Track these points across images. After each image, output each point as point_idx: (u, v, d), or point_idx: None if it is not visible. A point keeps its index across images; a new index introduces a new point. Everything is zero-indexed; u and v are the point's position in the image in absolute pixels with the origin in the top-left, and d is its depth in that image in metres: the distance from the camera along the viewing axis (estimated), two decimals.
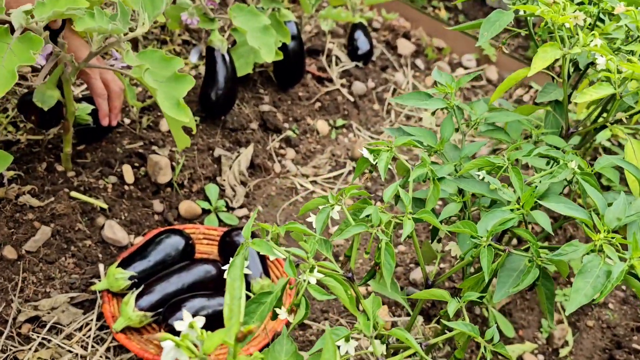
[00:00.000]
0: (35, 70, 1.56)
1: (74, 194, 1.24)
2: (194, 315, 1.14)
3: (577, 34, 0.75)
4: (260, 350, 1.07)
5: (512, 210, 0.65)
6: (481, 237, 0.63)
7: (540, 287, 0.70)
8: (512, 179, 0.68)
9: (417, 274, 1.30)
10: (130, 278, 1.11)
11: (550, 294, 0.71)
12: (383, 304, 1.23)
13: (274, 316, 0.57)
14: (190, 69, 1.65)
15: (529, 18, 0.89)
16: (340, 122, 1.71)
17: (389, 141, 0.73)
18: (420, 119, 1.78)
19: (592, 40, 0.73)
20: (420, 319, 1.15)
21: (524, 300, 1.39)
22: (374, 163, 0.73)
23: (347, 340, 0.57)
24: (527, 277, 0.61)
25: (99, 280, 1.16)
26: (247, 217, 1.41)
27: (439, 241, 0.80)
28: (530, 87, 1.98)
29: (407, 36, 2.06)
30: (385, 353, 0.58)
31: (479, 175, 0.71)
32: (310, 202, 0.67)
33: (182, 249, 1.20)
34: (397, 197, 0.75)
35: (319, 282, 0.56)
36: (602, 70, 0.73)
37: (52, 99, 1.09)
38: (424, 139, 0.77)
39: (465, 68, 2.05)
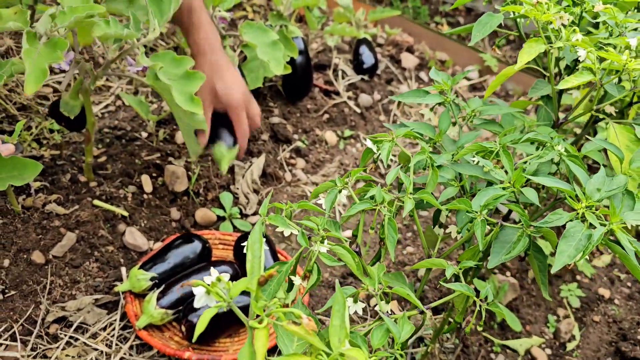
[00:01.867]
0: (56, 91, 1.65)
1: (96, 202, 1.31)
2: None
3: (561, 31, 0.82)
4: (273, 347, 1.12)
5: (503, 188, 0.71)
6: (476, 212, 0.69)
7: (532, 260, 0.75)
8: (503, 160, 0.74)
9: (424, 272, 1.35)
10: (152, 279, 1.17)
11: (543, 266, 0.76)
12: (392, 299, 1.28)
13: (290, 286, 0.63)
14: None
15: (518, 20, 0.96)
16: (347, 132, 1.78)
17: (390, 133, 0.80)
18: None
19: (573, 36, 0.80)
20: (428, 313, 1.19)
21: (530, 297, 1.43)
22: (378, 154, 0.79)
23: (355, 300, 0.63)
24: (518, 245, 0.67)
25: (121, 283, 1.22)
26: None
27: (441, 226, 0.86)
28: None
29: (410, 50, 2.14)
30: (390, 311, 0.64)
31: (474, 160, 0.77)
32: (319, 186, 0.73)
33: (200, 252, 1.26)
34: (399, 185, 0.81)
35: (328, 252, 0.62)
36: (584, 61, 0.79)
37: (77, 108, 1.18)
38: (423, 131, 0.84)
39: (468, 79, 2.12)
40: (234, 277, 1.22)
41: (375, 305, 0.90)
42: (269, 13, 1.74)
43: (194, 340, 0.56)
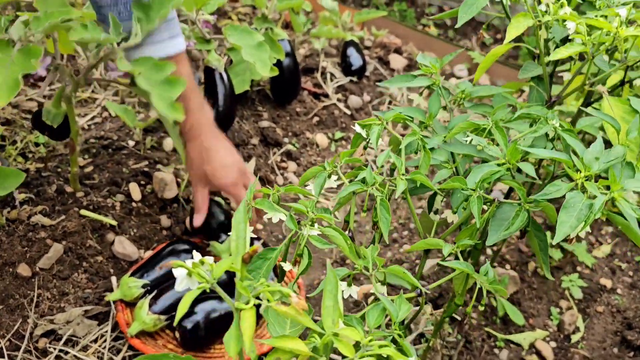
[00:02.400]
0: (41, 105, 1.62)
1: (83, 212, 1.28)
2: (205, 318, 1.16)
3: (549, 6, 0.80)
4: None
5: (498, 165, 0.69)
6: (471, 189, 0.66)
7: (532, 238, 0.73)
8: (496, 136, 0.72)
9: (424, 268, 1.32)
10: (143, 286, 1.14)
11: (544, 244, 0.74)
12: (392, 291, 1.24)
13: (281, 273, 0.60)
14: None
15: (504, 1, 0.94)
16: (338, 134, 1.76)
17: (379, 117, 0.77)
18: None
19: (562, 10, 0.78)
20: (428, 308, 1.16)
21: (532, 290, 1.40)
22: (367, 139, 0.77)
23: (349, 284, 0.60)
24: (516, 221, 0.64)
25: (112, 293, 1.19)
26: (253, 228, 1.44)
27: (436, 212, 0.83)
28: (523, 91, 2.03)
29: (398, 51, 2.13)
30: (385, 294, 0.61)
31: (466, 140, 0.75)
32: (308, 171, 0.71)
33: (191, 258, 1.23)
34: (392, 171, 0.79)
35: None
36: (574, 34, 0.77)
37: (60, 116, 1.15)
38: (413, 115, 0.82)
39: (458, 77, 2.11)
40: (227, 284, 1.19)
41: (370, 296, 0.87)
42: (254, 17, 1.73)
43: (175, 323, 0.53)
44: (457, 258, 0.67)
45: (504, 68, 2.08)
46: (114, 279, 1.22)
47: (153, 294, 1.12)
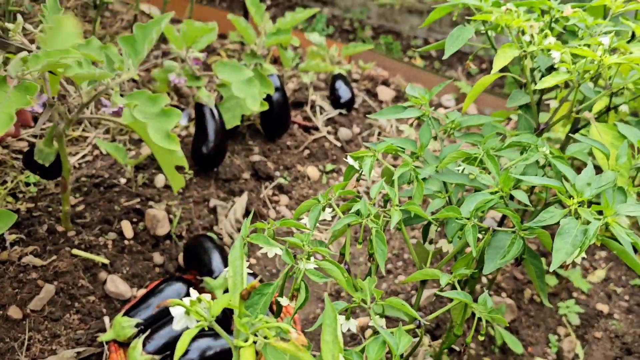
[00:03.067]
0: (31, 144, 1.62)
1: (75, 251, 1.27)
2: (201, 356, 1.14)
3: (533, 37, 0.82)
4: None
5: (492, 193, 0.69)
6: (466, 218, 0.66)
7: (528, 265, 0.72)
8: (489, 165, 0.73)
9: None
10: (137, 325, 1.12)
11: (540, 271, 0.74)
12: (389, 322, 1.23)
13: (278, 309, 0.59)
14: (180, 131, 1.72)
15: (489, 33, 0.96)
16: (329, 167, 1.77)
17: (371, 148, 0.78)
18: None
19: (546, 40, 0.80)
20: (427, 339, 1.15)
21: (529, 318, 1.39)
22: (360, 171, 0.77)
23: (347, 317, 0.59)
24: (512, 249, 0.64)
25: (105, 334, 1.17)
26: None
27: (431, 242, 0.83)
28: (510, 119, 2.05)
29: (386, 83, 2.16)
30: (384, 326, 0.60)
31: (458, 170, 0.76)
32: (302, 204, 0.70)
33: (185, 295, 1.21)
34: (385, 203, 0.79)
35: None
36: (559, 63, 0.79)
37: (52, 155, 1.15)
38: (404, 146, 0.82)
39: (445, 107, 2.14)
40: (222, 321, 1.17)
41: (367, 329, 0.86)
42: (243, 53, 1.75)
43: None
44: (454, 288, 0.67)
45: (491, 97, 2.12)
46: (106, 318, 1.20)
47: (147, 333, 1.10)
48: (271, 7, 3.13)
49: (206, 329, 0.46)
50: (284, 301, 0.59)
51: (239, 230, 1.49)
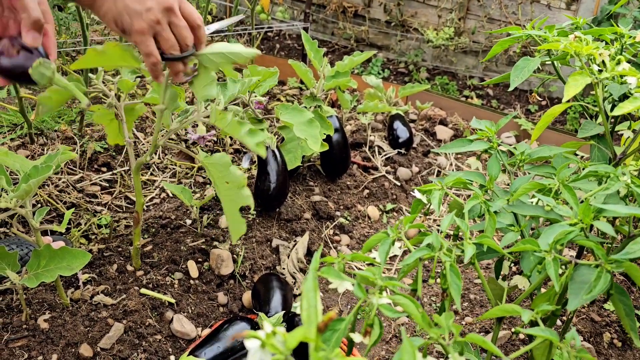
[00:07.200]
0: (104, 188, 1.69)
1: (143, 290, 1.29)
2: None
3: (604, 64, 0.80)
4: None
5: (571, 225, 0.66)
6: (545, 251, 0.64)
7: (617, 302, 0.68)
8: (565, 195, 0.70)
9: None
10: None
11: (629, 309, 0.69)
12: None
13: (350, 345, 0.58)
14: (243, 173, 1.76)
15: (556, 63, 0.94)
16: (389, 206, 1.75)
17: (439, 182, 0.77)
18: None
19: (619, 66, 0.77)
20: None
21: None
22: (428, 205, 0.76)
23: (424, 355, 0.57)
24: (599, 283, 0.60)
25: None
26: None
27: (504, 279, 0.80)
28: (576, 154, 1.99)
29: (444, 123, 2.15)
30: None
31: (531, 202, 0.73)
32: (371, 238, 0.70)
33: None
34: (455, 237, 0.77)
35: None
36: (636, 88, 0.76)
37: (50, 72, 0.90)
38: (472, 179, 0.81)
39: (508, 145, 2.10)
40: None
41: None
42: (303, 96, 1.79)
43: None
44: (533, 325, 0.63)
45: (553, 133, 2.07)
46: (172, 358, 1.21)
47: None
48: (328, 54, 3.20)
49: None
50: (356, 337, 0.58)
51: (301, 270, 1.49)
